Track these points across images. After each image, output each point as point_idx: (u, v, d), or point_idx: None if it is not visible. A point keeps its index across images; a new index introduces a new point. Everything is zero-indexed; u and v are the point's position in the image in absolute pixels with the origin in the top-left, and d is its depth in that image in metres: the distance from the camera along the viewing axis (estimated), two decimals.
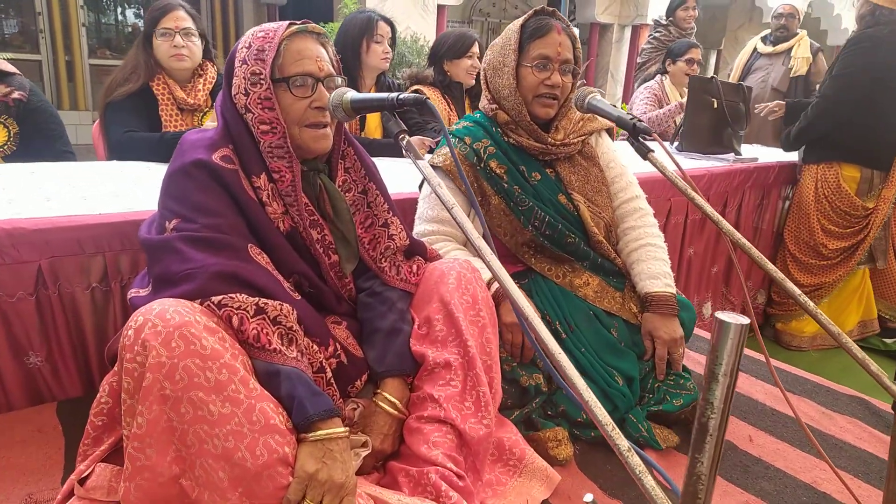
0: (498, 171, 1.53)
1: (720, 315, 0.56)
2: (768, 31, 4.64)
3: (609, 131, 1.71)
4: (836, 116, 2.80)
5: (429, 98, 2.85)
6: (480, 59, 2.96)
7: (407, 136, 1.04)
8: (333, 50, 1.26)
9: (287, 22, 1.21)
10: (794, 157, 3.15)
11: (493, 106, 1.58)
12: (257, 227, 1.15)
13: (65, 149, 2.12)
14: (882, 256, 3.02)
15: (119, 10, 8.20)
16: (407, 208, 1.79)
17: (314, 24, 1.22)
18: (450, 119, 2.96)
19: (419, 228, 1.56)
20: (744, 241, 1.17)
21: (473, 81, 2.97)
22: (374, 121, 2.75)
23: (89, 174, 1.80)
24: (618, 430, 0.70)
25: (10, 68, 2.11)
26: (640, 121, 1.26)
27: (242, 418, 0.92)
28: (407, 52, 5.10)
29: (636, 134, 1.25)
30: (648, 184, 2.11)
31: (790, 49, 4.41)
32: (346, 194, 1.31)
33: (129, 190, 1.65)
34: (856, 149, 2.86)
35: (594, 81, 7.62)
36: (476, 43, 2.95)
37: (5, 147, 2.03)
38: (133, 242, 1.41)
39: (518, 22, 1.55)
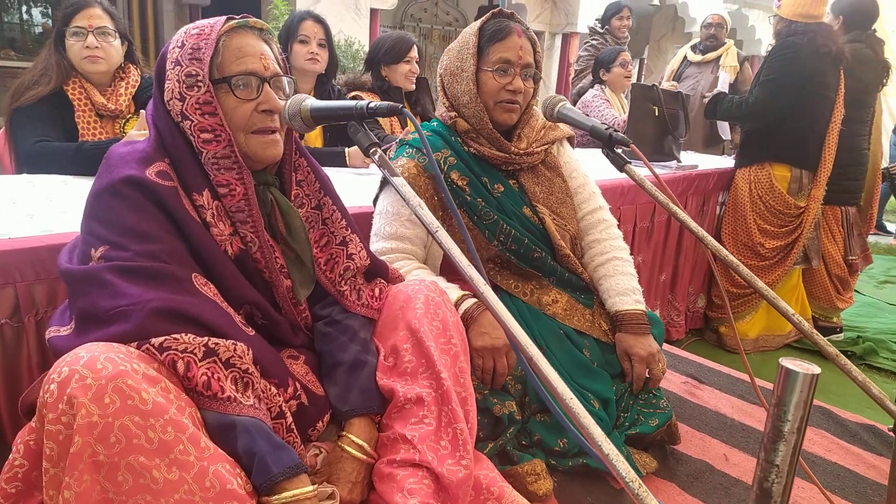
0: (460, 183, 1.44)
1: (786, 363, 0.48)
2: (697, 40, 4.77)
3: (569, 139, 1.65)
4: (766, 119, 2.90)
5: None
6: (419, 62, 2.88)
7: (379, 150, 0.92)
8: (279, 47, 1.13)
9: (225, 17, 1.07)
10: (730, 163, 3.22)
11: (452, 114, 1.48)
12: (201, 252, 1.01)
13: None
14: (816, 256, 3.13)
15: (24, 8, 7.63)
16: (360, 223, 1.67)
17: (255, 19, 1.10)
18: (391, 125, 2.85)
19: (376, 246, 1.44)
20: (725, 252, 1.12)
21: (413, 86, 2.87)
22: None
23: None
24: (621, 457, 0.61)
25: None
26: (615, 130, 1.19)
27: (193, 485, 0.78)
28: (342, 57, 4.95)
29: (612, 145, 1.19)
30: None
31: (719, 58, 4.55)
32: (300, 210, 1.18)
33: (42, 208, 1.46)
34: (785, 149, 2.96)
35: None
36: (415, 47, 2.85)
37: None
38: (50, 271, 1.22)
39: (476, 25, 1.46)
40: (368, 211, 1.66)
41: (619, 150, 1.23)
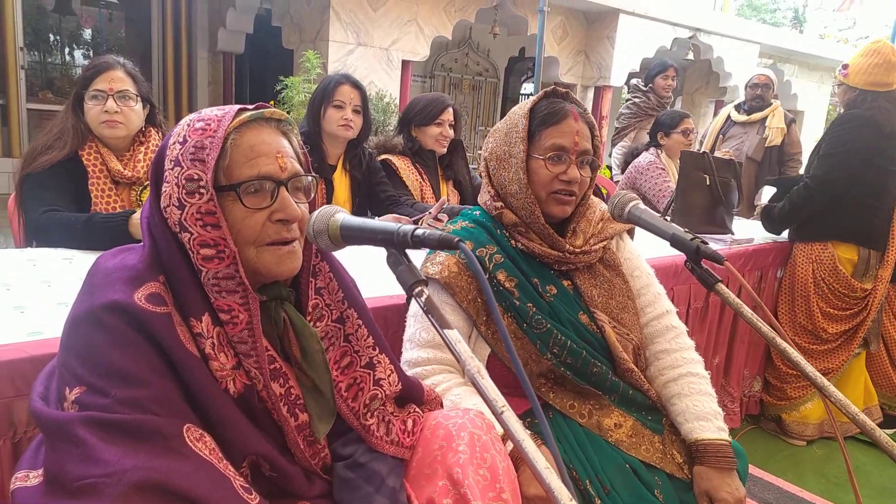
0: (507, 285, 1.25)
1: None
2: (741, 99, 4.59)
3: (629, 231, 1.46)
4: (828, 195, 2.69)
5: (399, 170, 2.63)
6: (454, 126, 2.74)
7: (426, 291, 0.73)
8: (299, 140, 0.96)
9: (236, 107, 0.90)
10: (785, 234, 3.00)
11: (498, 204, 1.30)
12: (198, 393, 0.82)
13: None
14: (875, 339, 2.88)
15: (67, 50, 7.79)
16: (390, 317, 1.48)
17: (273, 109, 0.92)
18: (422, 190, 2.69)
19: (409, 355, 1.25)
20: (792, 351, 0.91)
21: (444, 150, 2.71)
22: (342, 190, 2.46)
23: None
24: None
25: None
26: (704, 242, 0.99)
27: None
28: (372, 110, 4.87)
29: (698, 258, 0.99)
30: None
31: (765, 118, 4.36)
32: (318, 323, 0.99)
33: (37, 298, 1.30)
34: (850, 228, 2.74)
35: None
36: (449, 109, 2.70)
37: None
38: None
39: (526, 105, 1.29)
40: (399, 302, 1.48)
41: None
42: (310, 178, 0.92)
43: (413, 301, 1.31)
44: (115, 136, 1.88)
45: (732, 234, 2.81)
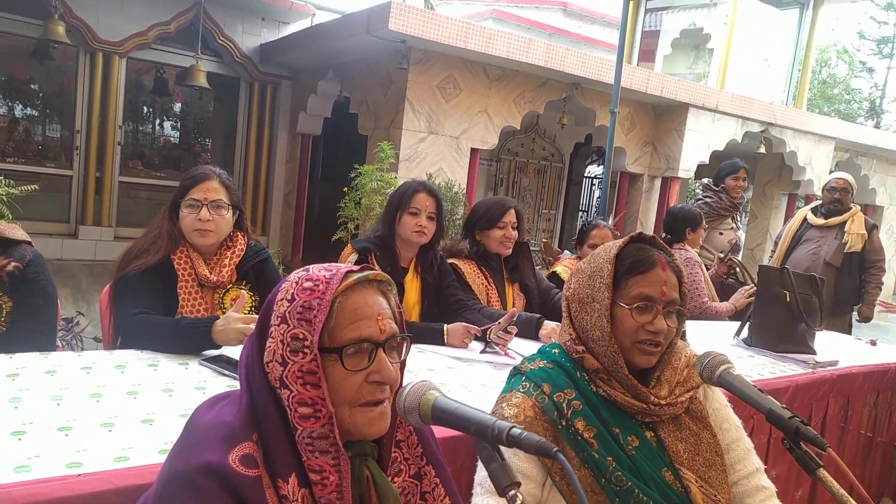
0: (586, 435, 1.21)
1: None
2: (819, 202, 4.47)
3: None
4: None
5: (465, 274, 2.65)
6: (518, 228, 2.73)
7: (519, 497, 0.71)
8: (396, 299, 0.99)
9: (343, 269, 0.93)
10: (884, 357, 2.82)
11: (580, 348, 1.28)
12: None
13: (41, 329, 1.84)
14: None
15: (157, 120, 8.40)
16: (459, 448, 1.46)
17: (375, 272, 0.96)
18: (488, 294, 2.69)
19: (479, 500, 1.21)
20: None
21: (509, 251, 2.73)
22: (413, 294, 2.48)
23: (74, 381, 1.49)
24: None
25: (20, 235, 1.89)
26: (804, 422, 0.94)
27: None
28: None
29: (798, 439, 0.94)
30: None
31: (843, 223, 4.22)
32: (395, 478, 0.98)
33: (126, 413, 1.34)
34: None
35: (623, 229, 7.50)
36: (511, 211, 2.72)
37: None
38: None
39: (611, 251, 1.29)
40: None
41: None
42: (403, 336, 0.94)
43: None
44: (205, 243, 1.99)
45: (815, 354, 2.67)
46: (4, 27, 6.70)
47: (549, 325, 2.44)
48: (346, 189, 4.97)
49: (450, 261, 2.66)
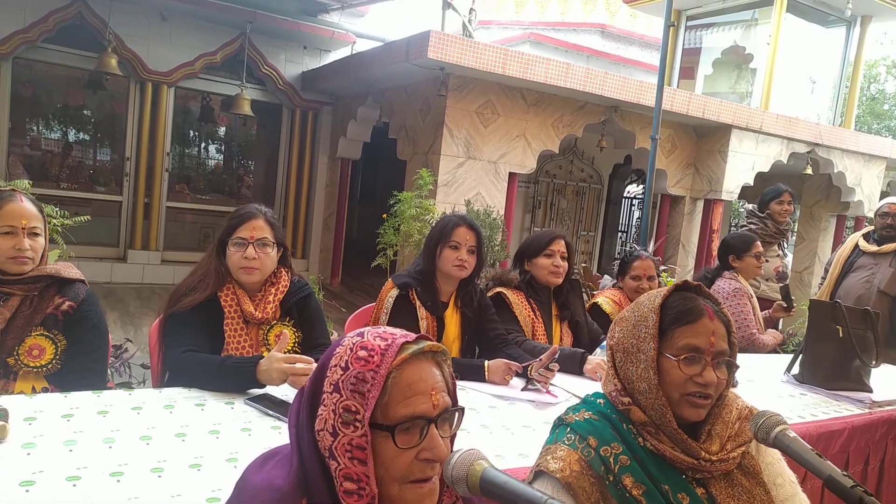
0: (634, 493, 1.18)
1: None
2: (871, 228, 4.32)
3: None
4: None
5: (512, 304, 2.64)
6: (567, 258, 2.71)
7: None
8: (451, 369, 0.96)
9: (400, 338, 0.91)
10: None
11: (626, 399, 1.26)
12: None
13: (93, 367, 1.89)
14: None
15: (202, 146, 8.65)
16: None
17: (432, 343, 0.93)
18: (534, 327, 2.67)
19: None
20: None
21: (558, 281, 2.70)
22: (453, 328, 2.47)
23: (125, 422, 1.53)
24: None
25: (74, 274, 1.96)
26: (867, 492, 0.90)
27: None
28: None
29: None
30: None
31: None
32: None
33: (175, 456, 1.37)
34: None
35: (664, 252, 7.37)
36: (559, 240, 2.70)
37: (50, 365, 1.82)
38: None
39: (656, 300, 1.26)
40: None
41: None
42: (454, 409, 0.93)
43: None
44: (251, 280, 2.03)
45: (871, 392, 2.56)
46: (61, 60, 7.03)
47: (592, 360, 2.41)
48: (384, 215, 5.02)
49: (498, 290, 2.65)
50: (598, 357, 2.44)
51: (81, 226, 3.81)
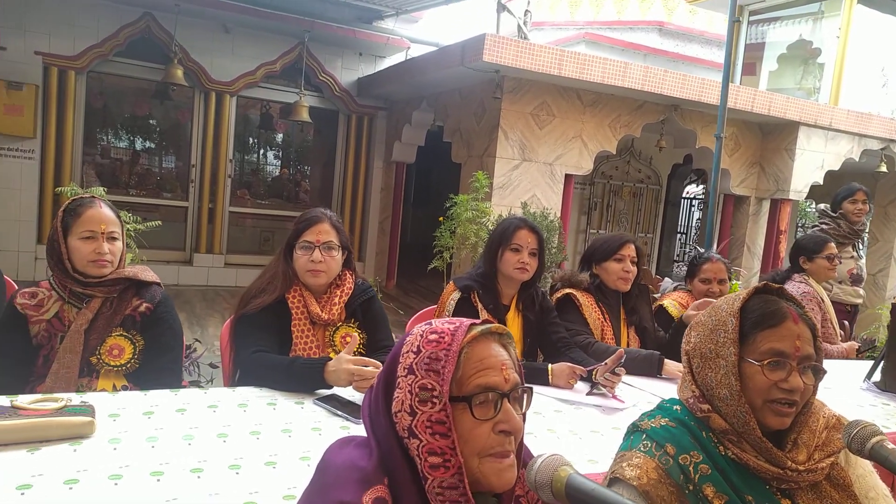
0: (716, 503, 1.14)
1: None
2: None
3: None
4: None
5: (582, 306, 2.59)
6: (637, 262, 2.65)
7: None
8: (517, 352, 0.99)
9: (466, 322, 0.96)
10: None
11: (705, 406, 1.21)
12: None
13: (169, 366, 1.95)
14: None
15: (261, 152, 8.89)
16: None
17: (497, 325, 0.98)
18: (603, 330, 2.60)
19: None
20: None
21: (627, 287, 2.64)
22: (515, 331, 2.46)
23: (203, 420, 1.58)
24: None
25: (151, 277, 2.03)
26: None
27: None
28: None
29: None
30: None
31: None
32: None
33: (251, 454, 1.40)
34: None
35: (728, 254, 7.14)
36: (630, 244, 2.64)
37: (129, 364, 1.89)
38: None
39: (734, 303, 1.21)
40: None
41: None
42: (524, 388, 0.95)
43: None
44: (317, 283, 2.07)
45: None
46: (130, 72, 7.35)
47: (671, 364, 2.36)
48: (441, 218, 5.04)
49: (567, 291, 2.62)
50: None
51: (151, 230, 3.97)
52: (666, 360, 2.38)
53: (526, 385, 0.97)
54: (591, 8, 11.46)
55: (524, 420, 0.98)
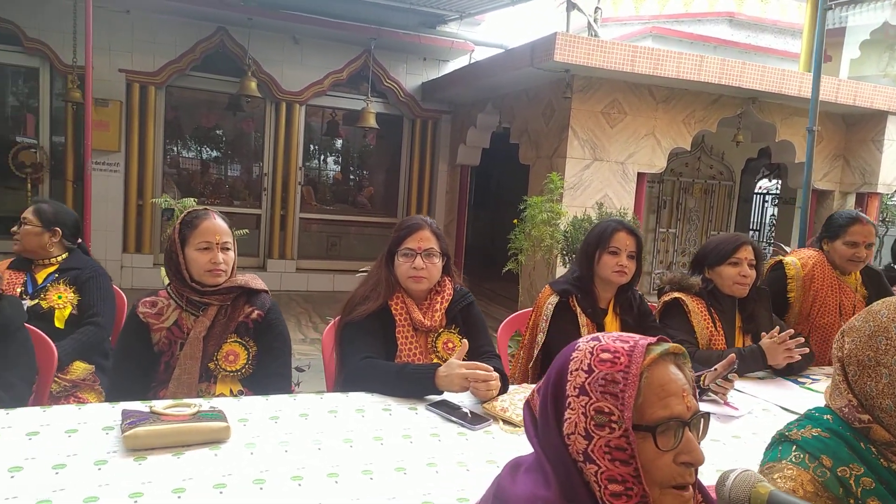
0: None
1: None
2: None
3: None
4: None
5: (690, 312, 2.47)
6: (755, 266, 2.47)
7: None
8: (692, 371, 0.95)
9: (641, 341, 0.90)
10: None
11: (864, 417, 1.15)
12: None
13: (281, 371, 2.00)
14: None
15: (327, 158, 9.05)
16: None
17: (674, 344, 0.92)
18: (711, 338, 2.45)
19: None
20: None
21: (744, 293, 2.47)
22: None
23: (327, 425, 1.61)
24: None
25: (260, 285, 2.09)
26: None
27: None
28: None
29: None
30: None
31: None
32: None
33: (381, 462, 1.41)
34: None
35: None
36: (747, 247, 2.45)
37: (244, 370, 1.95)
38: None
39: None
40: None
41: None
42: (704, 415, 0.90)
43: None
44: (419, 289, 2.08)
45: None
46: (205, 85, 7.63)
47: (770, 347, 2.29)
48: (515, 220, 5.01)
49: (675, 295, 2.48)
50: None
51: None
52: (765, 347, 2.27)
53: (703, 412, 0.91)
54: (656, 2, 11.20)
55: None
